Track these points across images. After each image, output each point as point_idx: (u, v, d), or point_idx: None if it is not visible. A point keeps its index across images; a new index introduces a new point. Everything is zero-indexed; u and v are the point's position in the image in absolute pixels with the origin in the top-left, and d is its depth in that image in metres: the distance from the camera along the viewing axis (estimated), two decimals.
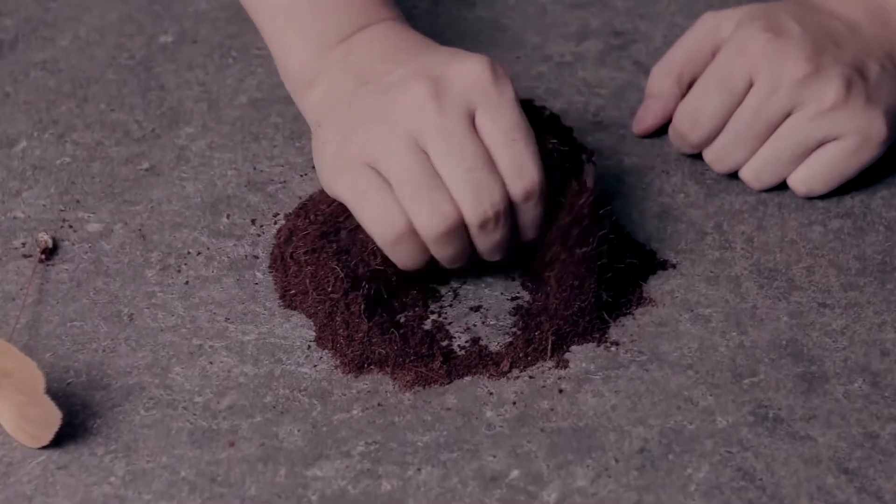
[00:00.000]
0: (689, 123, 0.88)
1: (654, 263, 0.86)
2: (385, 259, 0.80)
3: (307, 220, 0.86)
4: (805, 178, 0.87)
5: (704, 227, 0.88)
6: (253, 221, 0.89)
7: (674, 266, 0.86)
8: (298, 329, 0.83)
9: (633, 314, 0.83)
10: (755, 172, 0.88)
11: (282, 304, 0.84)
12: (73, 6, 1.06)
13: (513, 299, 0.84)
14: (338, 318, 0.81)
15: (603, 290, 0.82)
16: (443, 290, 0.85)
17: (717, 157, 0.88)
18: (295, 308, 0.83)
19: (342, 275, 0.81)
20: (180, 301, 0.84)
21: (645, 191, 0.91)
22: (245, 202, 0.90)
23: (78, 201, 0.91)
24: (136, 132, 0.95)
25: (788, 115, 0.86)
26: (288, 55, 0.83)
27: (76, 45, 1.03)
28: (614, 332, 0.82)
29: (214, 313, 0.84)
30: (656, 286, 0.85)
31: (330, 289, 0.81)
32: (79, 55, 1.02)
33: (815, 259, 0.86)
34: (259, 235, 0.88)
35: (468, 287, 0.85)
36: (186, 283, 0.85)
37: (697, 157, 0.93)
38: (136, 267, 0.86)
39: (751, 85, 0.87)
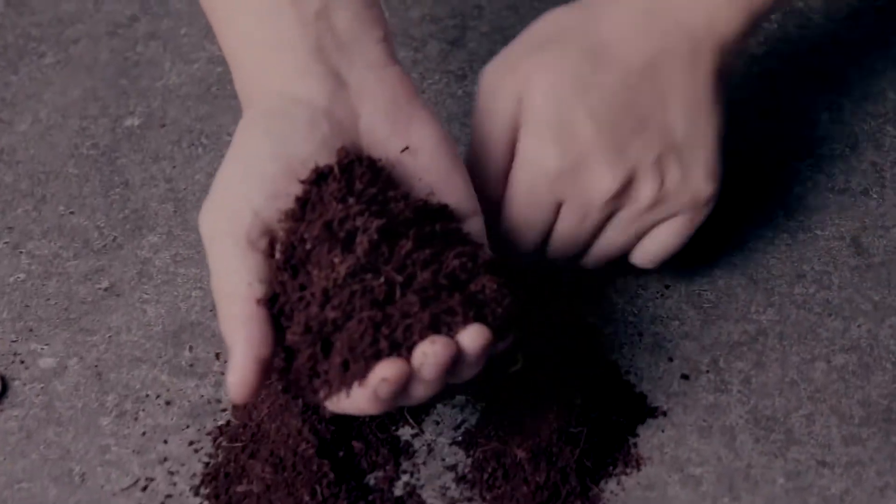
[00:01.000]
0: (511, 250, 0.79)
1: (643, 411, 0.79)
2: None
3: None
4: (644, 258, 0.81)
5: (699, 365, 0.81)
6: (217, 356, 0.83)
7: (664, 414, 0.79)
8: None
9: (618, 476, 0.76)
10: (593, 263, 0.81)
11: (241, 457, 0.78)
12: (35, 81, 0.99)
13: (499, 456, 0.77)
14: (301, 489, 0.75)
15: (586, 459, 0.75)
16: (417, 445, 0.79)
17: (551, 260, 0.81)
18: (253, 476, 0.77)
19: (311, 443, 0.75)
20: (136, 457, 0.79)
21: (637, 316, 0.84)
22: (209, 331, 0.84)
23: (31, 329, 0.84)
24: (96, 241, 0.89)
25: (609, 217, 0.78)
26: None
27: (36, 129, 0.96)
28: (598, 497, 0.76)
29: (171, 472, 0.78)
30: (645, 439, 0.78)
31: (295, 457, 0.75)
32: (39, 143, 0.95)
33: (816, 405, 0.79)
34: (223, 373, 0.82)
35: (443, 440, 0.79)
36: (143, 433, 0.80)
37: (697, 274, 0.86)
38: (90, 413, 0.81)
39: (560, 201, 0.78)
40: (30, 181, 0.93)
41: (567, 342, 0.81)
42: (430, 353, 0.66)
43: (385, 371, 0.66)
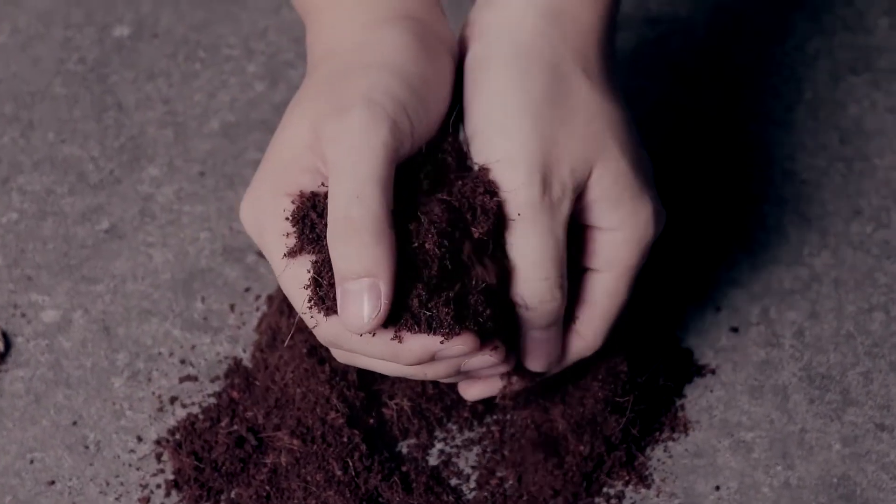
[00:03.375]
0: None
1: (690, 369, 0.85)
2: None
3: (291, 320, 0.84)
4: None
5: (749, 315, 0.86)
6: (232, 307, 0.87)
7: (713, 372, 0.84)
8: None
9: (665, 442, 0.82)
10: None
11: (265, 426, 0.83)
12: None
13: (538, 424, 0.82)
14: (332, 461, 0.80)
15: (632, 427, 0.81)
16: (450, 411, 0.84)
17: None
18: (279, 447, 0.82)
19: (340, 412, 0.80)
20: (153, 423, 0.84)
21: (680, 258, 0.88)
22: (222, 278, 0.88)
23: (30, 278, 0.89)
24: (92, 175, 0.92)
25: None
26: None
27: (16, 41, 0.98)
28: (645, 465, 0.82)
29: (191, 441, 0.83)
30: (692, 400, 0.84)
31: (324, 427, 0.80)
32: (20, 57, 0.98)
33: (875, 361, 0.85)
34: (239, 328, 0.87)
35: (480, 405, 0.84)
36: (159, 396, 0.84)
37: (745, 210, 0.91)
38: (100, 373, 0.85)
39: None
40: (14, 104, 0.96)
41: None
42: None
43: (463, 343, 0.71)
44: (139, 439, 0.83)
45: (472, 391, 0.79)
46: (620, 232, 0.75)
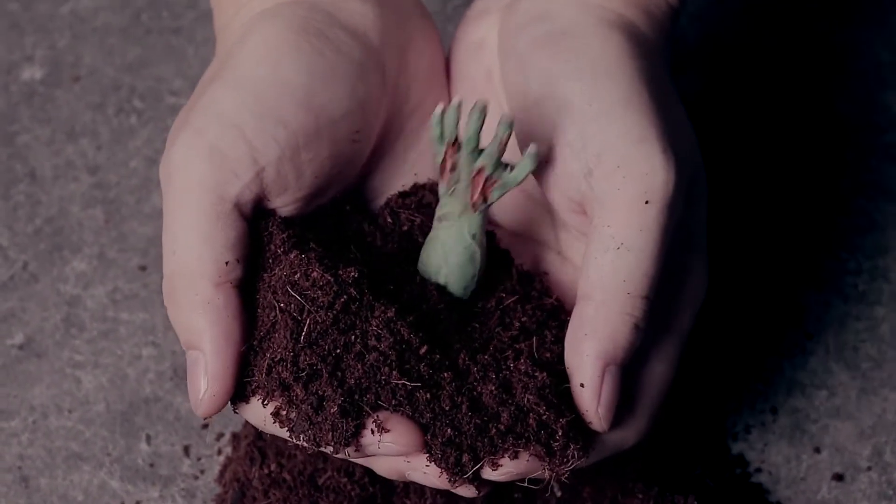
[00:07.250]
0: None
1: None
2: None
3: (265, 471, 0.85)
4: None
5: (857, 459, 0.88)
6: (186, 450, 0.89)
7: None
8: None
9: None
10: None
11: None
12: None
13: None
14: None
15: None
16: None
17: None
18: None
19: None
20: None
21: (769, 384, 0.89)
22: (172, 411, 0.90)
23: None
24: (0, 269, 0.93)
25: None
26: None
27: None
28: None
29: None
30: None
31: None
32: None
33: None
34: (196, 478, 0.88)
35: None
36: None
37: (850, 316, 0.92)
38: None
39: None
40: None
41: (670, 423, 0.87)
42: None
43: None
44: None
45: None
46: None
